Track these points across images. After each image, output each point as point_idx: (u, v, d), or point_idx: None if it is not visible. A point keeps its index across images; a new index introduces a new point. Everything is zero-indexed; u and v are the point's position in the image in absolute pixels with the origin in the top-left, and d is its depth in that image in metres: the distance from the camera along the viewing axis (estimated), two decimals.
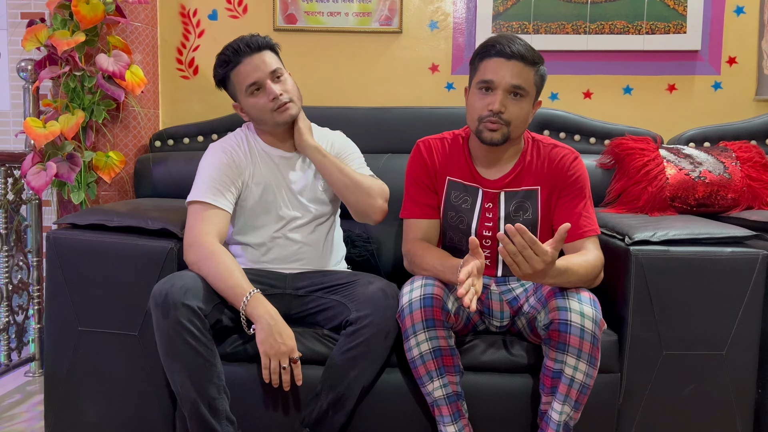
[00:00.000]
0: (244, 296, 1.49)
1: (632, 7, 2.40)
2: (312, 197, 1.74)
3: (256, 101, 1.65)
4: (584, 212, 1.57)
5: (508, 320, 1.67)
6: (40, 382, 2.21)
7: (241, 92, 1.66)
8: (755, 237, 1.66)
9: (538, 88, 1.55)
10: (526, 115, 1.54)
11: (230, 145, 1.71)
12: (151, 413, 1.66)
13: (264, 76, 1.63)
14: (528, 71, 1.50)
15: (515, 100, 1.51)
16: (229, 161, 1.67)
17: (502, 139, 1.53)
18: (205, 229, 1.57)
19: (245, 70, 1.63)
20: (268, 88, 1.63)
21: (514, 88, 1.49)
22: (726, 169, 2.01)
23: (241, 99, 1.67)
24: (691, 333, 1.59)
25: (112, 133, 2.21)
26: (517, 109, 1.51)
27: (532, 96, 1.54)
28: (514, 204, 1.61)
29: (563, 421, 1.43)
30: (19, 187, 2.24)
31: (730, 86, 2.44)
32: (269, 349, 1.46)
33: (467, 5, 2.46)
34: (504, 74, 1.49)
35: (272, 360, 1.47)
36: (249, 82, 1.63)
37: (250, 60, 1.63)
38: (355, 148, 1.82)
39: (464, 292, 1.29)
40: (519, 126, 1.54)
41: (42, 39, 2.09)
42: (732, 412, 1.62)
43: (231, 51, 1.64)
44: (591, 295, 1.45)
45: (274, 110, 1.64)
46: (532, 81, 1.51)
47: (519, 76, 1.49)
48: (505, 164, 1.62)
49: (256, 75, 1.63)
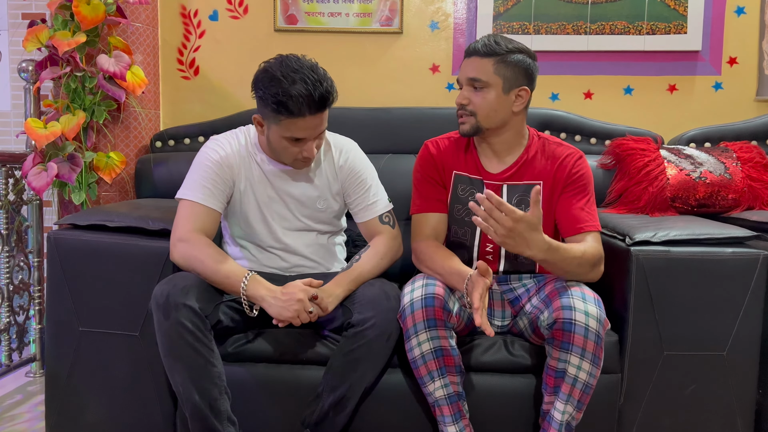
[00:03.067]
0: (240, 282, 1.49)
1: (633, 7, 2.40)
2: (308, 214, 1.69)
3: (288, 146, 1.55)
4: (585, 208, 1.58)
5: (509, 320, 1.67)
6: (41, 383, 2.21)
7: (280, 132, 1.53)
8: (756, 237, 1.65)
9: (507, 76, 1.56)
10: (492, 104, 1.57)
11: (226, 143, 1.65)
12: (152, 413, 1.66)
13: (313, 135, 1.55)
14: (485, 63, 1.56)
15: (477, 92, 1.58)
16: (221, 160, 1.62)
17: (472, 129, 1.60)
18: (190, 226, 1.56)
19: (301, 125, 1.51)
20: (309, 146, 1.55)
21: (471, 81, 1.58)
22: (727, 170, 2.01)
23: (274, 132, 1.54)
24: (692, 333, 1.59)
25: (113, 133, 2.21)
26: (479, 99, 1.57)
27: (497, 85, 1.56)
28: (517, 197, 1.62)
29: (566, 420, 1.43)
30: (20, 188, 2.24)
31: (730, 86, 2.44)
32: (288, 315, 1.48)
33: (468, 6, 2.46)
34: (465, 70, 1.60)
35: (294, 321, 1.48)
36: (297, 136, 1.53)
37: (311, 119, 1.51)
38: (367, 169, 1.72)
39: (480, 320, 1.34)
40: (489, 115, 1.58)
41: (43, 39, 2.09)
42: (733, 413, 1.62)
43: (303, 101, 1.46)
44: (595, 294, 1.45)
45: (298, 160, 1.59)
46: (491, 71, 1.55)
47: (476, 69, 1.57)
48: (507, 157, 1.64)
49: (306, 133, 1.53)
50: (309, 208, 1.69)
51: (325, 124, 1.58)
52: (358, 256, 1.66)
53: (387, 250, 1.66)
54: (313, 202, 1.69)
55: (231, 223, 1.72)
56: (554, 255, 1.41)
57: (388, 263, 1.67)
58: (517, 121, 1.61)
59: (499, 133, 1.61)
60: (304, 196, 1.68)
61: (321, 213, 1.71)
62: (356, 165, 1.71)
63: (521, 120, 1.63)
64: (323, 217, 1.71)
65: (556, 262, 1.43)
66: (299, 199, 1.68)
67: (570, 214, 1.58)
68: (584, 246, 1.50)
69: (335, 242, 1.80)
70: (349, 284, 1.58)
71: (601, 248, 1.54)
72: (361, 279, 1.60)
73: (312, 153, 1.57)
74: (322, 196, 1.69)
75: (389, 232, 1.70)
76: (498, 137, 1.62)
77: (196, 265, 1.52)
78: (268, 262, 1.71)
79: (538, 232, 1.36)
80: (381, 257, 1.65)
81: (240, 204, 1.68)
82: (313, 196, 1.69)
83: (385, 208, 1.72)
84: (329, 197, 1.71)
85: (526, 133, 1.66)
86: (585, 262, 1.48)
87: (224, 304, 1.55)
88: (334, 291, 1.56)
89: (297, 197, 1.68)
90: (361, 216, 1.72)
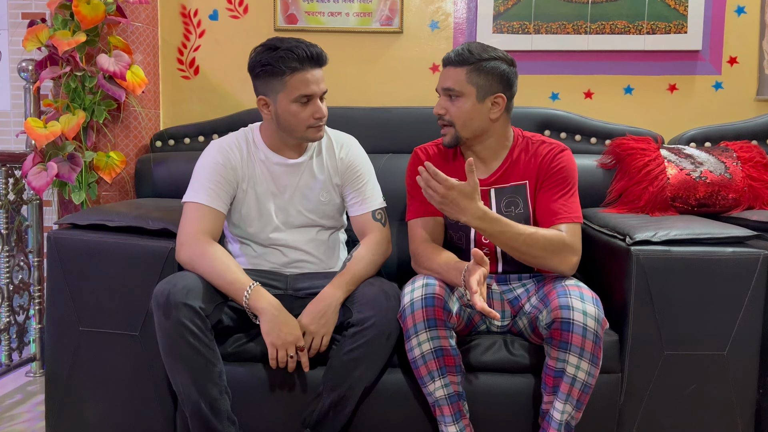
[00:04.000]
0: (244, 290, 1.50)
1: (633, 7, 2.40)
2: (312, 207, 1.71)
3: (300, 111, 1.59)
4: (562, 200, 1.58)
5: (508, 320, 1.67)
6: (41, 383, 2.21)
7: (289, 96, 1.58)
8: (756, 237, 1.65)
9: (481, 84, 1.56)
10: (468, 113, 1.58)
11: (228, 145, 1.68)
12: (153, 413, 1.66)
13: (319, 92, 1.60)
14: (458, 72, 1.57)
15: (452, 101, 1.60)
16: (225, 162, 1.65)
17: (453, 140, 1.62)
18: (197, 227, 1.57)
19: (308, 78, 1.57)
20: (318, 105, 1.60)
21: (445, 91, 1.60)
22: (727, 169, 2.01)
23: (282, 101, 1.59)
24: (692, 333, 1.59)
25: (113, 133, 2.21)
26: (455, 108, 1.59)
27: (471, 94, 1.57)
28: (505, 200, 1.63)
29: (565, 420, 1.43)
30: (20, 188, 2.24)
31: (730, 86, 2.44)
32: (276, 340, 1.48)
33: (468, 5, 2.46)
34: (441, 80, 1.62)
35: (279, 350, 1.48)
36: (306, 92, 1.57)
37: (315, 72, 1.58)
38: (365, 165, 1.75)
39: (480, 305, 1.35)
40: (466, 124, 1.59)
41: (43, 39, 2.08)
42: (733, 413, 1.62)
43: (303, 53, 1.56)
44: (593, 294, 1.45)
45: (312, 126, 1.62)
46: (464, 80, 1.56)
47: (449, 78, 1.59)
48: (493, 161, 1.66)
49: (314, 88, 1.58)
50: (312, 201, 1.71)
51: (326, 86, 1.62)
52: (350, 256, 1.69)
53: (377, 248, 1.68)
54: (316, 195, 1.71)
55: (232, 219, 1.72)
56: (492, 225, 1.46)
57: (381, 260, 1.69)
58: (497, 126, 1.62)
59: (482, 140, 1.63)
60: (307, 188, 1.70)
61: (324, 206, 1.72)
62: (355, 159, 1.74)
63: (503, 125, 1.64)
64: (326, 210, 1.73)
65: (497, 235, 1.47)
66: (302, 191, 1.70)
67: (546, 207, 1.59)
68: (540, 230, 1.51)
69: (337, 240, 1.81)
70: (348, 285, 1.59)
71: (573, 239, 1.53)
72: (357, 278, 1.61)
73: (322, 112, 1.61)
74: (324, 189, 1.71)
75: (380, 229, 1.71)
76: (481, 144, 1.64)
77: (203, 267, 1.53)
78: (269, 257, 1.71)
79: (471, 200, 1.43)
80: (372, 254, 1.66)
81: (242, 202, 1.69)
82: (316, 188, 1.71)
83: (378, 205, 1.74)
84: (331, 189, 1.73)
85: (510, 136, 1.67)
86: (536, 242, 1.48)
87: (225, 304, 1.55)
88: (335, 294, 1.56)
89: (300, 189, 1.70)
90: (355, 210, 1.73)
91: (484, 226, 1.46)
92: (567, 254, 1.52)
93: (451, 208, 1.44)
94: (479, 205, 1.45)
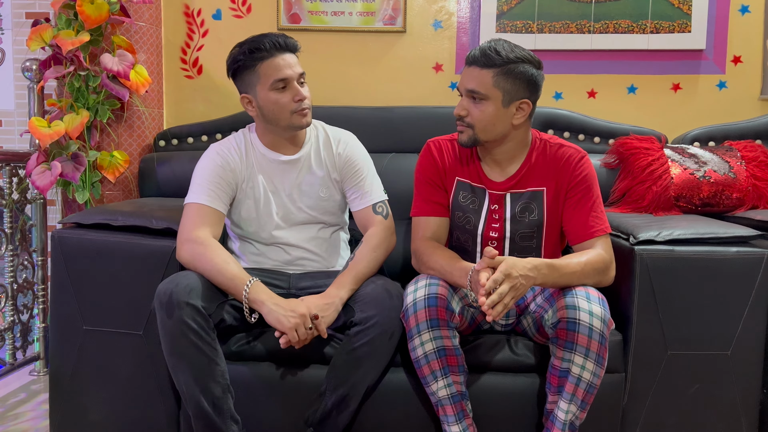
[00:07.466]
0: (244, 286, 1.51)
1: (637, 6, 2.39)
2: (312, 203, 1.72)
3: (279, 97, 1.61)
4: (593, 212, 1.56)
5: (513, 319, 1.66)
6: (45, 381, 2.22)
7: (265, 85, 1.61)
8: (760, 237, 1.65)
9: (507, 89, 1.50)
10: (490, 118, 1.52)
11: (226, 147, 1.69)
12: (156, 412, 1.67)
13: (294, 75, 1.62)
14: (484, 74, 1.50)
15: (475, 104, 1.53)
16: (224, 164, 1.66)
17: (469, 140, 1.56)
18: (198, 226, 1.58)
19: (279, 63, 1.60)
20: (296, 88, 1.62)
21: (470, 93, 1.53)
22: (731, 169, 2.01)
23: (261, 93, 1.62)
24: (696, 333, 1.58)
25: (117, 132, 2.22)
26: (477, 112, 1.52)
27: (496, 98, 1.51)
28: (520, 205, 1.61)
29: (569, 420, 1.43)
30: (24, 187, 2.24)
31: (735, 85, 2.43)
32: (285, 325, 1.48)
33: (471, 4, 2.45)
34: (464, 80, 1.54)
35: (290, 333, 1.48)
36: (280, 76, 1.60)
37: (284, 57, 1.61)
38: (363, 159, 1.75)
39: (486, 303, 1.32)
40: (486, 128, 1.54)
41: (47, 39, 2.09)
42: (737, 412, 1.61)
43: (269, 43, 1.59)
44: (599, 294, 1.45)
45: (295, 112, 1.63)
46: (490, 83, 1.49)
47: (474, 79, 1.51)
48: (510, 165, 1.62)
49: (287, 72, 1.61)
50: (312, 197, 1.71)
51: (301, 69, 1.64)
52: (352, 255, 1.68)
53: (380, 242, 1.67)
54: (315, 191, 1.71)
55: (234, 219, 1.73)
56: (551, 272, 1.41)
57: (383, 255, 1.68)
58: (519, 132, 1.58)
59: (500, 144, 1.58)
60: (306, 184, 1.71)
61: (324, 202, 1.72)
62: (353, 154, 1.74)
63: (524, 131, 1.59)
64: (327, 206, 1.73)
65: (556, 280, 1.43)
66: (301, 187, 1.71)
67: (577, 221, 1.56)
68: (586, 257, 1.48)
69: (339, 238, 1.81)
70: (350, 284, 1.59)
71: (609, 253, 1.52)
72: (360, 276, 1.61)
73: (302, 94, 1.62)
74: (323, 184, 1.72)
75: (382, 222, 1.70)
76: (499, 148, 1.59)
77: (203, 265, 1.53)
78: (272, 255, 1.72)
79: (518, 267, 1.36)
80: (374, 250, 1.66)
81: (243, 202, 1.69)
82: (315, 184, 1.71)
83: (379, 197, 1.73)
84: (330, 185, 1.73)
85: (529, 140, 1.62)
86: (587, 275, 1.46)
87: (227, 303, 1.55)
88: (338, 294, 1.56)
89: (299, 186, 1.70)
90: (356, 204, 1.73)
91: (542, 274, 1.40)
92: (610, 271, 1.52)
93: (519, 290, 1.36)
94: (527, 269, 1.38)
